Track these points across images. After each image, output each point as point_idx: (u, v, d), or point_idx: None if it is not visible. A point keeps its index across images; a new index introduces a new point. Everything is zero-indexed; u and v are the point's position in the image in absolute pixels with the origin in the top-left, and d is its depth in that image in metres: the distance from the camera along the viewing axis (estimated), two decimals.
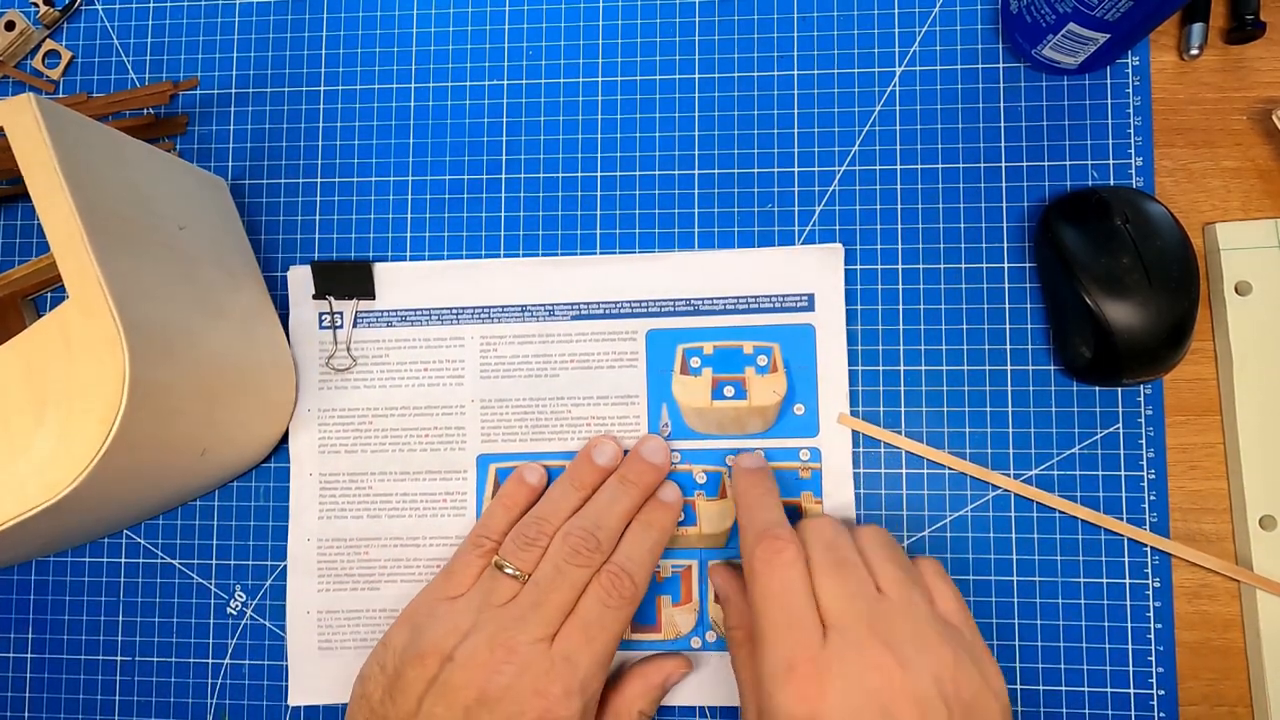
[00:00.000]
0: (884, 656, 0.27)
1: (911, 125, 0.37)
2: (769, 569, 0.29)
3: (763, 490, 0.33)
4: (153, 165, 0.32)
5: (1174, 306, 0.32)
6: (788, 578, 0.29)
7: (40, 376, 0.26)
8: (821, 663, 0.27)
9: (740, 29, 0.38)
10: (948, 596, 0.31)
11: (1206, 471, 0.35)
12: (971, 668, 0.28)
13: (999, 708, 0.28)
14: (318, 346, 0.38)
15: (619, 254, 0.38)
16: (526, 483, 0.35)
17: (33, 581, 0.39)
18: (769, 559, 0.30)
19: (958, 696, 0.27)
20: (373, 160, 0.39)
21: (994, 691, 0.28)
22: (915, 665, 0.27)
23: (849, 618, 0.28)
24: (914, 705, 0.27)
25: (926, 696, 0.27)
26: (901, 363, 0.36)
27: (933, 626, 0.28)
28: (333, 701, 0.37)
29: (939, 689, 0.27)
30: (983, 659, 0.29)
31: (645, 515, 0.34)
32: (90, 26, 0.41)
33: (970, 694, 0.27)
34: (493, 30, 0.39)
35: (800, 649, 0.28)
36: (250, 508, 0.38)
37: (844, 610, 0.28)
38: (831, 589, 0.29)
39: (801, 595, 0.29)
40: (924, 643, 0.28)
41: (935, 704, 0.27)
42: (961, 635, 0.29)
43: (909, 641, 0.28)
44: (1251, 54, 0.36)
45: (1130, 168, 0.36)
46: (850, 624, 0.28)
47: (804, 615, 0.28)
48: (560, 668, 0.30)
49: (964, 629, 0.30)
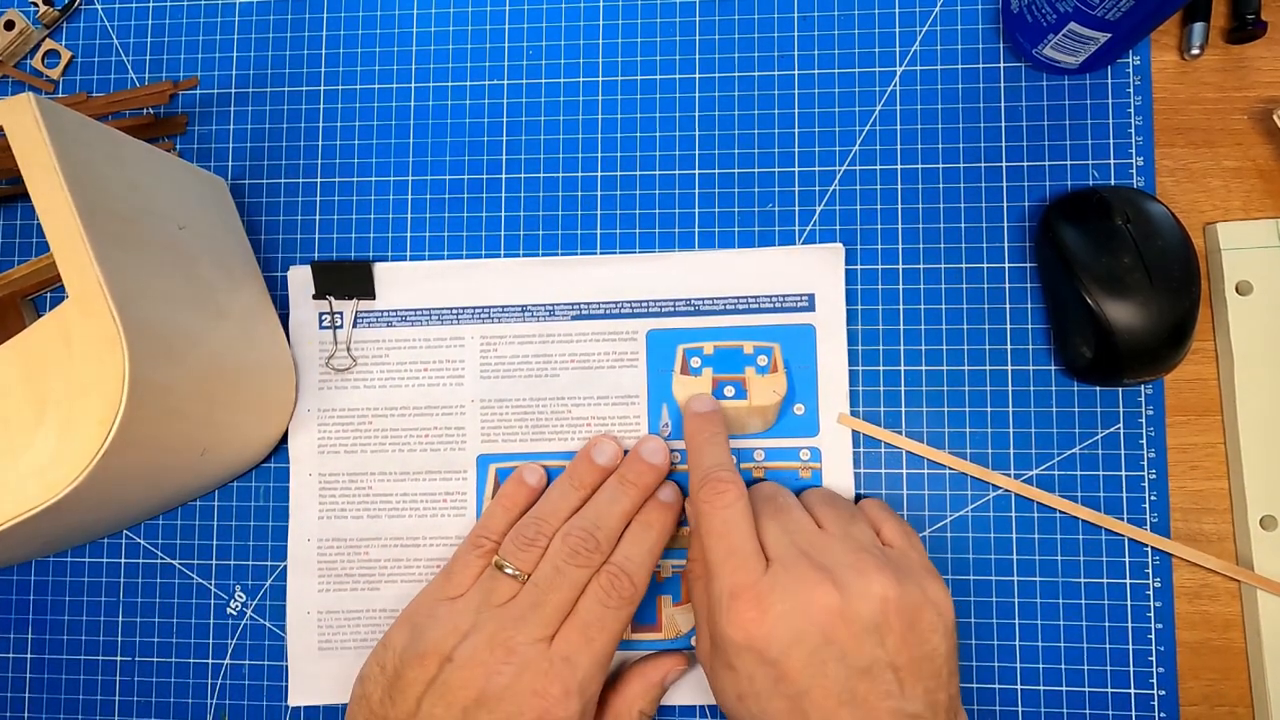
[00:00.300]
0: (822, 582, 0.28)
1: (911, 125, 0.37)
2: (712, 508, 0.31)
3: (711, 433, 0.34)
4: (153, 165, 0.32)
5: (1175, 306, 0.32)
6: (729, 516, 0.30)
7: (40, 376, 0.26)
8: (762, 590, 0.29)
9: (740, 29, 0.38)
10: (891, 526, 0.32)
11: (1207, 471, 0.35)
12: (912, 587, 0.29)
13: (942, 623, 0.29)
14: (318, 346, 0.38)
15: (619, 254, 0.38)
16: (526, 483, 0.35)
17: (33, 581, 0.39)
18: (712, 499, 0.31)
19: (899, 615, 0.28)
20: (373, 160, 0.39)
21: (936, 608, 0.29)
22: (854, 589, 0.28)
23: (786, 549, 0.30)
24: (852, 627, 0.28)
25: (865, 618, 0.28)
26: (901, 363, 0.36)
27: (869, 552, 0.30)
28: (333, 701, 0.37)
29: (878, 611, 0.28)
30: (925, 578, 0.30)
31: (644, 515, 0.34)
32: (90, 26, 0.41)
33: (911, 612, 0.28)
34: (493, 30, 0.39)
35: (742, 578, 0.29)
36: (250, 508, 0.38)
37: (784, 544, 0.30)
38: (772, 529, 0.31)
39: (743, 530, 0.30)
40: (862, 568, 0.29)
41: (872, 626, 0.28)
42: (903, 557, 0.31)
43: (848, 568, 0.29)
44: (1252, 54, 0.36)
45: (1131, 167, 0.36)
46: (790, 555, 0.29)
47: (745, 547, 0.30)
48: (559, 668, 0.30)
49: (907, 551, 0.31)
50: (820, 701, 0.27)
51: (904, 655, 0.28)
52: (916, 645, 0.28)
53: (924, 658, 0.28)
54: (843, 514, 0.32)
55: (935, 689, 0.28)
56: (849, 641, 0.28)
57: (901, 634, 0.28)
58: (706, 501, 0.31)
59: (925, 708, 0.27)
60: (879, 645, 0.28)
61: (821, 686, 0.27)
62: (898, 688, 0.27)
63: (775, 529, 0.31)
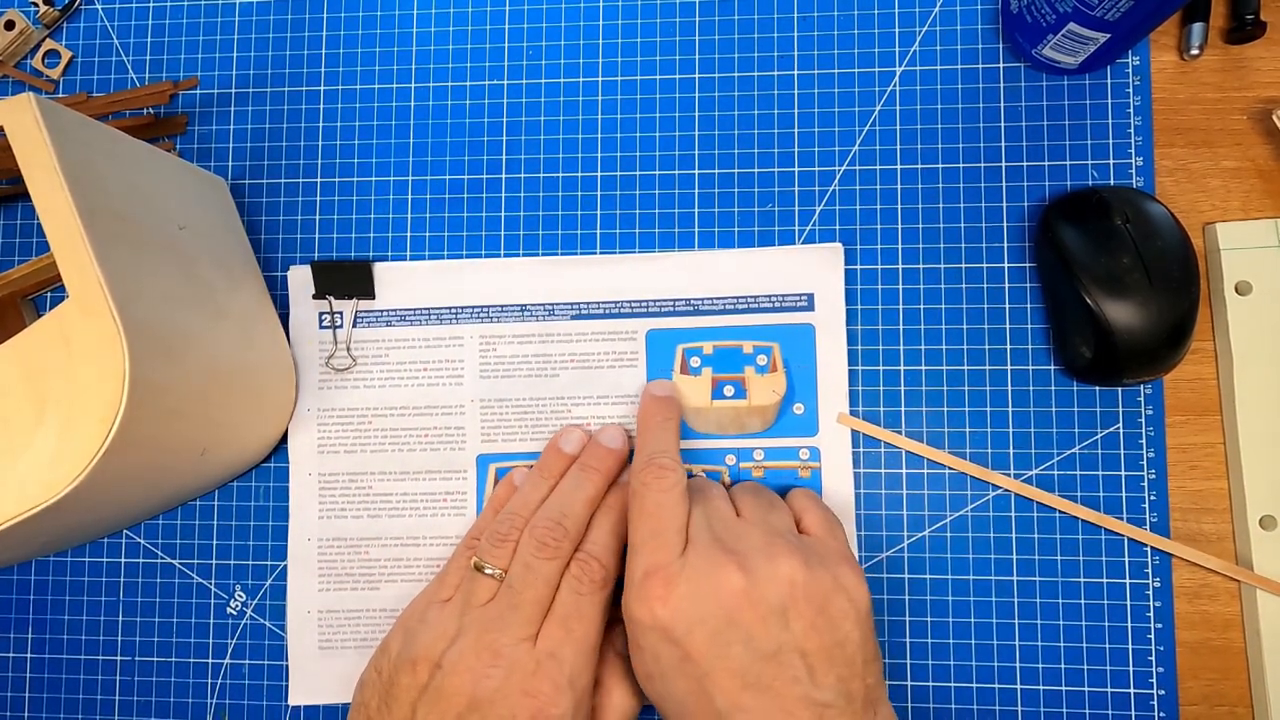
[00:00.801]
0: (728, 564, 0.29)
1: (911, 125, 0.37)
2: (647, 490, 0.31)
3: (663, 418, 0.34)
4: (153, 165, 0.32)
5: (1174, 306, 0.32)
6: (663, 499, 0.31)
7: (40, 376, 0.26)
8: (672, 571, 0.29)
9: (740, 29, 0.38)
10: (813, 515, 0.33)
11: (1207, 471, 0.35)
12: (822, 571, 0.29)
13: (853, 609, 0.29)
14: (318, 346, 0.38)
15: (619, 254, 0.38)
16: (514, 486, 0.35)
17: (33, 581, 0.39)
18: (649, 481, 0.31)
19: (807, 600, 0.28)
20: (373, 160, 0.39)
21: (847, 593, 0.29)
22: (761, 573, 0.28)
23: (702, 534, 0.30)
24: (758, 609, 0.28)
25: (770, 602, 0.28)
26: (901, 363, 0.36)
27: (782, 538, 0.30)
28: (333, 701, 0.37)
29: (784, 594, 0.28)
30: (837, 564, 0.30)
31: (606, 499, 0.34)
32: (90, 26, 0.41)
33: (821, 597, 0.28)
34: (493, 30, 0.39)
35: (658, 559, 0.29)
36: (250, 508, 0.38)
37: (701, 529, 0.30)
38: (694, 515, 0.31)
39: (670, 513, 0.31)
40: (772, 552, 0.29)
41: (778, 609, 0.28)
42: (819, 544, 0.31)
43: (757, 551, 0.29)
44: (1252, 54, 0.36)
45: (1130, 168, 0.36)
46: (703, 540, 0.30)
47: (668, 530, 0.30)
48: (546, 665, 0.30)
49: (824, 538, 0.31)
50: (724, 683, 0.27)
51: (813, 641, 0.28)
52: (826, 631, 0.28)
53: (835, 644, 0.28)
54: (762, 502, 0.32)
55: (849, 677, 0.28)
56: (754, 624, 0.28)
57: (810, 619, 0.28)
58: (644, 484, 0.31)
59: (838, 696, 0.27)
60: (784, 629, 0.28)
61: (725, 668, 0.27)
62: (806, 674, 0.27)
63: (697, 515, 0.31)
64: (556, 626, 0.31)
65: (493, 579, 0.32)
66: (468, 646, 0.30)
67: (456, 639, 0.31)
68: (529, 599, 0.31)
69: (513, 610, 0.31)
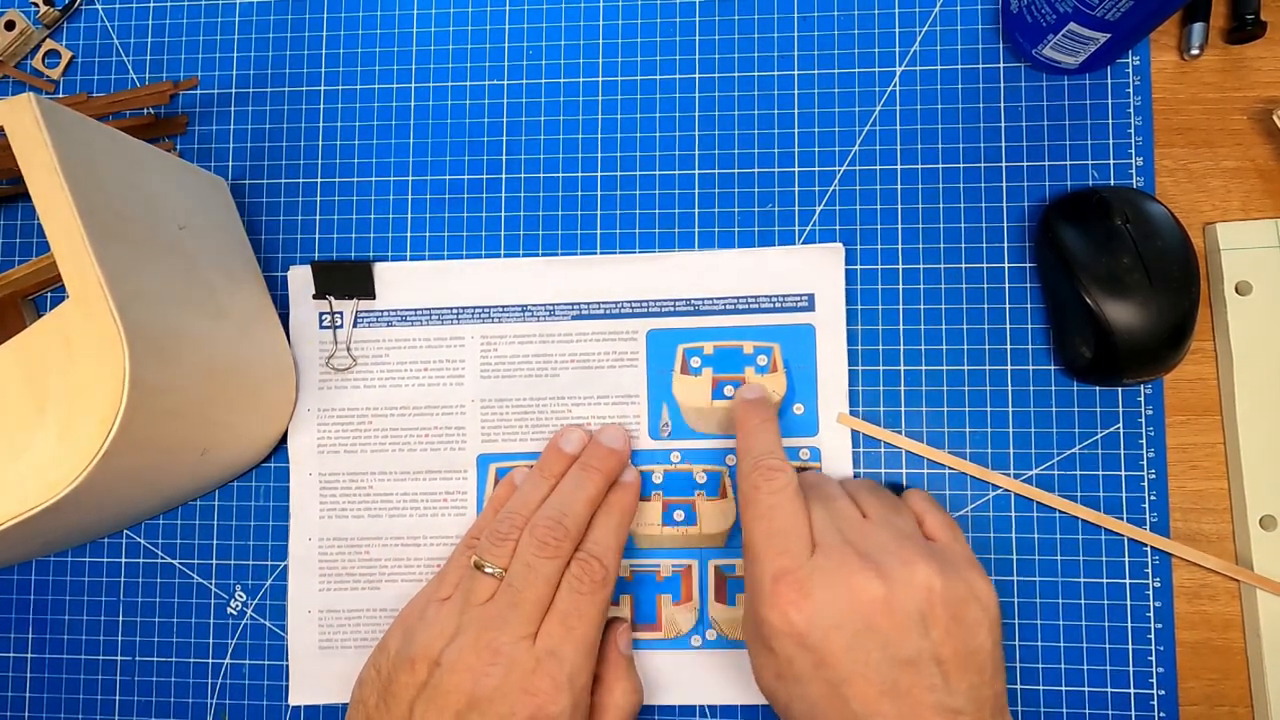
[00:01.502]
0: (864, 569, 0.28)
1: (911, 125, 0.37)
2: (759, 493, 0.31)
3: (761, 419, 0.34)
4: (153, 165, 0.32)
5: (1174, 306, 0.32)
6: (776, 500, 0.30)
7: (40, 376, 0.26)
8: (804, 574, 0.28)
9: (740, 29, 0.38)
10: (935, 518, 0.32)
11: (1206, 471, 0.35)
12: (956, 579, 0.29)
13: (986, 618, 0.29)
14: (318, 346, 0.38)
15: (619, 254, 0.38)
16: (514, 486, 0.35)
17: (33, 581, 0.39)
18: (761, 483, 0.31)
19: (944, 607, 0.28)
20: (373, 160, 0.39)
21: (980, 601, 0.29)
22: (898, 579, 0.28)
23: (832, 536, 0.30)
24: (896, 616, 0.27)
25: (908, 609, 0.28)
26: (901, 363, 0.36)
27: (913, 542, 0.30)
28: (333, 701, 0.37)
29: (922, 601, 0.28)
30: (969, 571, 0.29)
31: (607, 499, 0.34)
32: (90, 26, 0.41)
33: (956, 604, 0.28)
34: (493, 30, 0.39)
35: (785, 561, 0.29)
36: (250, 508, 0.38)
37: (829, 531, 0.30)
38: (817, 515, 0.31)
39: (788, 514, 0.30)
40: (905, 556, 0.29)
41: (916, 616, 0.28)
42: (948, 549, 0.30)
43: (892, 556, 0.29)
44: (1252, 54, 0.36)
45: (1130, 168, 0.36)
46: (833, 541, 0.29)
47: (791, 531, 0.30)
48: (546, 663, 0.30)
49: (951, 544, 0.31)
50: (861, 689, 0.27)
51: (949, 648, 0.27)
52: (962, 639, 0.28)
53: (969, 652, 0.28)
54: (886, 503, 0.32)
55: (980, 684, 0.28)
56: (892, 631, 0.27)
57: (946, 626, 0.28)
58: (755, 487, 0.31)
59: (969, 703, 0.27)
60: (923, 636, 0.27)
61: (863, 675, 0.27)
62: (942, 681, 0.27)
63: (821, 514, 0.30)
64: (557, 624, 0.31)
65: (492, 578, 0.32)
66: (467, 644, 0.30)
67: (456, 637, 0.31)
68: (529, 597, 0.31)
69: (512, 609, 0.31)
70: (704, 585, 0.36)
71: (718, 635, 0.36)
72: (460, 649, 0.30)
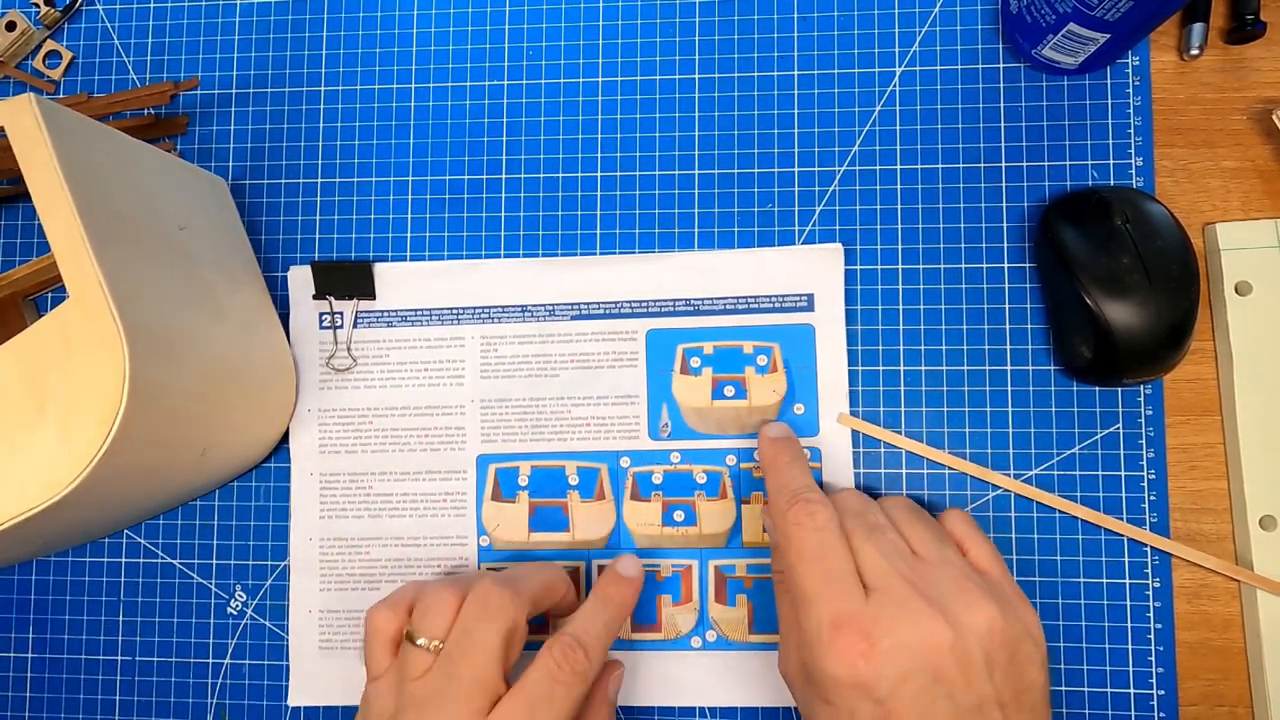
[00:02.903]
0: (931, 615, 0.27)
1: (911, 125, 0.37)
2: (802, 531, 0.29)
3: (790, 456, 0.33)
4: (153, 165, 0.32)
5: (1174, 306, 0.32)
6: (824, 540, 0.29)
7: (40, 376, 0.27)
8: (867, 621, 0.27)
9: (740, 29, 0.38)
10: (979, 545, 0.31)
11: (1206, 471, 0.35)
12: (1013, 618, 0.28)
13: (1038, 654, 0.28)
14: (318, 346, 0.38)
15: (619, 254, 0.38)
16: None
17: (33, 581, 0.39)
18: (802, 521, 0.29)
19: (1004, 649, 0.27)
20: (373, 160, 0.39)
21: (1033, 638, 0.28)
22: (962, 622, 0.27)
23: (890, 578, 0.28)
24: (962, 664, 0.26)
25: (974, 655, 0.26)
26: (901, 363, 0.36)
27: (971, 580, 0.28)
28: (333, 702, 0.37)
29: (984, 644, 0.27)
30: (1019, 605, 0.29)
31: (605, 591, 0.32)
32: (91, 27, 0.41)
33: (1013, 645, 0.27)
34: (493, 30, 0.39)
35: (844, 605, 0.27)
36: (250, 508, 0.38)
37: (884, 571, 0.28)
38: (868, 552, 0.29)
39: (840, 555, 0.28)
40: (968, 598, 0.27)
41: (982, 662, 0.26)
42: (999, 585, 0.29)
43: (953, 598, 0.27)
44: (1251, 54, 0.36)
45: (1130, 168, 0.36)
46: (893, 583, 0.28)
47: (845, 574, 0.28)
48: None
49: (1000, 577, 0.30)
50: None
51: (1008, 690, 0.27)
52: (1018, 679, 0.27)
53: (1024, 690, 0.27)
54: (933, 533, 0.30)
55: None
56: (958, 680, 0.26)
57: (1005, 668, 0.27)
58: (797, 524, 0.29)
59: None
60: (988, 682, 0.26)
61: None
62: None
63: (870, 551, 0.29)
64: (522, 710, 0.27)
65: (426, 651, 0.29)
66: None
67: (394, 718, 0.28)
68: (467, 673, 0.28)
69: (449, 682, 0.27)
70: (704, 586, 0.36)
71: (718, 636, 0.36)
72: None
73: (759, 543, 0.36)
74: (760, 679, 0.35)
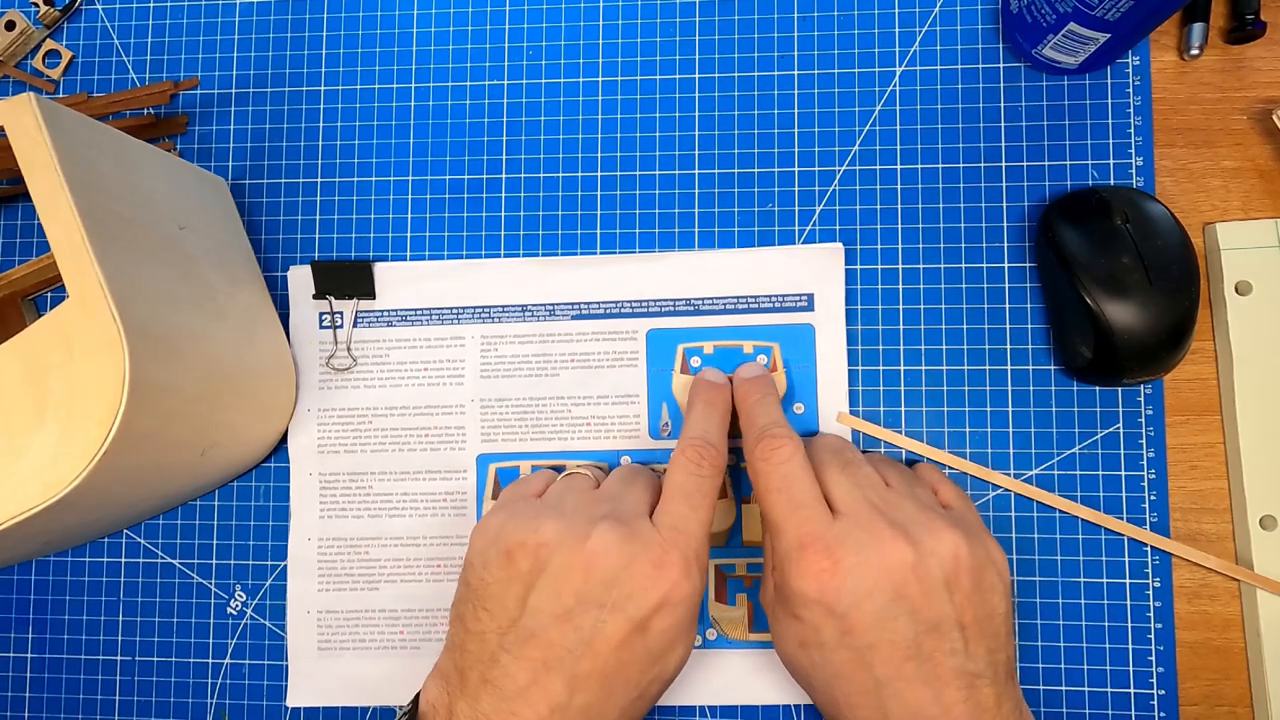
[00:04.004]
0: (894, 536, 0.28)
1: (911, 125, 0.37)
2: (769, 464, 0.30)
3: (761, 394, 0.34)
4: (153, 165, 0.32)
5: (1174, 306, 0.32)
6: (789, 471, 0.30)
7: (40, 376, 0.26)
8: (832, 540, 0.28)
9: (740, 29, 0.38)
10: (947, 488, 0.33)
11: (1206, 471, 0.35)
12: (978, 545, 0.29)
13: (1001, 583, 0.29)
14: (318, 346, 0.38)
15: (619, 254, 0.38)
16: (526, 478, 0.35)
17: (33, 581, 0.39)
18: (768, 455, 0.30)
19: (968, 574, 0.28)
20: (373, 160, 0.39)
21: (996, 566, 0.29)
22: (924, 546, 0.28)
23: (859, 504, 0.29)
24: (924, 583, 0.28)
25: (935, 576, 0.28)
26: (901, 363, 0.36)
27: (938, 512, 0.30)
28: (332, 703, 0.37)
29: (948, 568, 0.28)
30: (985, 537, 0.30)
31: (708, 395, 0.34)
32: (90, 26, 0.41)
33: (977, 570, 0.28)
34: (493, 30, 0.39)
35: (810, 528, 0.28)
36: (250, 508, 0.38)
37: (854, 499, 0.30)
38: (840, 482, 0.30)
39: (804, 485, 0.30)
40: (932, 525, 0.29)
41: (942, 583, 0.28)
42: (966, 518, 0.31)
43: (919, 524, 0.29)
44: (1252, 54, 0.36)
45: (1130, 168, 0.36)
46: (860, 509, 0.29)
47: (811, 501, 0.29)
48: (672, 537, 0.29)
49: (966, 511, 0.32)
50: (886, 654, 0.27)
51: (969, 614, 0.28)
52: (980, 604, 0.28)
53: (986, 617, 0.28)
54: (906, 474, 0.32)
55: (995, 649, 0.28)
56: (920, 598, 0.27)
57: (968, 592, 0.28)
58: (763, 459, 0.30)
59: (987, 667, 0.28)
60: (948, 602, 0.28)
61: (889, 641, 0.27)
62: (962, 645, 0.27)
63: (845, 481, 0.30)
64: (679, 502, 0.30)
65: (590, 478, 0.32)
66: (580, 522, 0.29)
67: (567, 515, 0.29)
68: (640, 483, 0.31)
69: (627, 488, 0.31)
70: None
71: (718, 635, 0.36)
72: (571, 527, 0.28)
73: (759, 542, 0.36)
74: (761, 678, 0.35)
